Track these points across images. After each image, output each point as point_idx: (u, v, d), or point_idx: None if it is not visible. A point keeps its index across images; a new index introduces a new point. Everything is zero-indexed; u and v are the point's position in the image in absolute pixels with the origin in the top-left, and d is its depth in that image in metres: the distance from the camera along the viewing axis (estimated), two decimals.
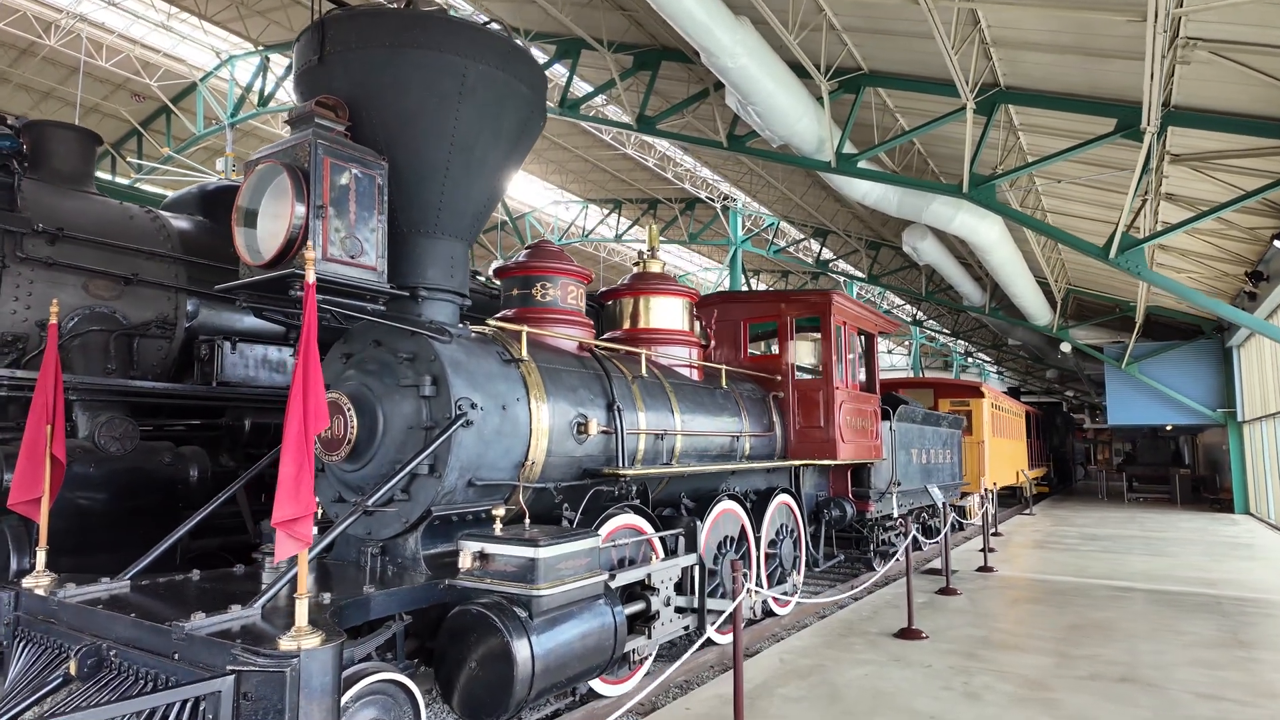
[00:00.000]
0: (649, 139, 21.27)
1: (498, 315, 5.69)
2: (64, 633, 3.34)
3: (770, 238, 25.44)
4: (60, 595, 3.45)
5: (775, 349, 8.15)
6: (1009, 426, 17.53)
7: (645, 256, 7.13)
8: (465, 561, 3.85)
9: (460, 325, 4.67)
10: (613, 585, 4.41)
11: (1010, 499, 22.02)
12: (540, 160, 24.30)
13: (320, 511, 4.73)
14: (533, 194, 25.77)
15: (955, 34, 8.16)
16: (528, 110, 4.68)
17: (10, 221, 5.16)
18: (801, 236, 25.33)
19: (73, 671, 3.02)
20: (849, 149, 11.07)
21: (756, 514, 6.75)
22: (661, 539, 5.33)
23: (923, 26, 8.92)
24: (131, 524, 5.34)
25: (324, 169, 3.79)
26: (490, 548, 3.84)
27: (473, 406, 4.19)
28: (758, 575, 6.68)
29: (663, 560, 5.18)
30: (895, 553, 10.18)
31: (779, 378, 7.85)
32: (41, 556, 3.92)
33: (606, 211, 26.52)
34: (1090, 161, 10.41)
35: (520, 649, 3.47)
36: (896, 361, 46.43)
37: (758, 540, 6.68)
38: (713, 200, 24.69)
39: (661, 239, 27.02)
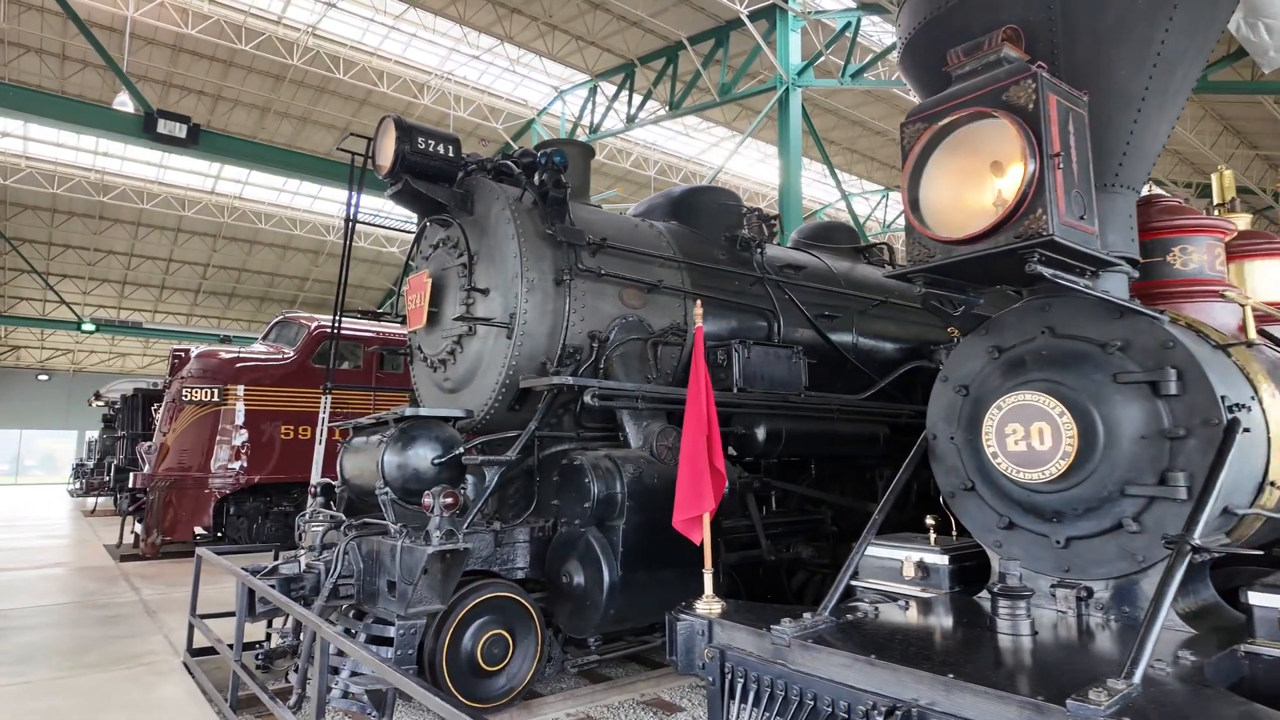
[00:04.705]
0: None
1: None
2: (807, 680, 2.83)
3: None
4: (790, 633, 2.98)
5: None
6: None
7: (1221, 211, 5.52)
8: None
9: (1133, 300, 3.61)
10: None
11: None
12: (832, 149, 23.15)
13: (960, 531, 3.96)
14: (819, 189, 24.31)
15: None
16: (1231, 7, 3.51)
17: (572, 235, 5.19)
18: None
19: None
20: None
21: None
22: None
23: None
24: (682, 537, 5.09)
25: (1051, 109, 2.97)
26: None
27: (1239, 408, 3.09)
28: None
29: None
30: None
31: None
32: (708, 579, 3.58)
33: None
34: None
35: None
36: None
37: None
38: None
39: None
